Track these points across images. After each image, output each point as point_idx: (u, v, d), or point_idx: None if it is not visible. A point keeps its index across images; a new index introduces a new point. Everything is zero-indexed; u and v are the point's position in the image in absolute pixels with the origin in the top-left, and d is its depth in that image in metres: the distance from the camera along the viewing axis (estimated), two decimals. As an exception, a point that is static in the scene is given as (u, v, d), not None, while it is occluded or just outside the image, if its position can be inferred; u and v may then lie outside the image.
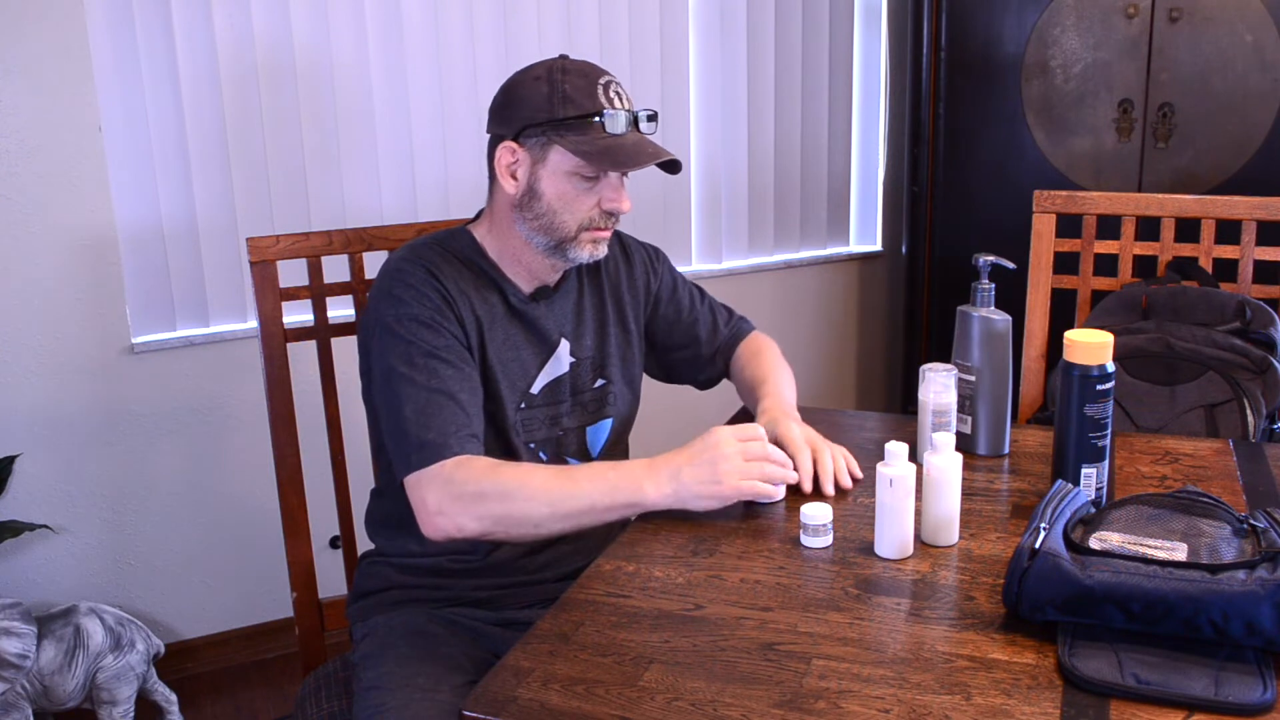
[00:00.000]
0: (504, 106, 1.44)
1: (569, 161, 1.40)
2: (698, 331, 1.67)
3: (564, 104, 1.39)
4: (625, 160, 1.38)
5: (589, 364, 1.56)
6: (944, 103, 2.92)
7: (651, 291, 1.64)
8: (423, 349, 1.38)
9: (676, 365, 1.69)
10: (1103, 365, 1.30)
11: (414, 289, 1.41)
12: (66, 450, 2.38)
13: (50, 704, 2.14)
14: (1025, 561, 1.08)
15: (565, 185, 1.41)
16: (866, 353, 3.45)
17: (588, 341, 1.56)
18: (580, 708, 1.00)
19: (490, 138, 1.47)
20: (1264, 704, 0.95)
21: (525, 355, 1.49)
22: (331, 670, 1.59)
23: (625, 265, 1.62)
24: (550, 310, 1.52)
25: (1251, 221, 1.96)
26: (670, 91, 2.93)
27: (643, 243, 1.67)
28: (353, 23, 2.49)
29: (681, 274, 1.71)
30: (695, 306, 1.68)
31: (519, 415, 1.49)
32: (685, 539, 1.33)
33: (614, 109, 1.40)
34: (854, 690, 1.01)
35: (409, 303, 1.40)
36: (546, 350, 1.51)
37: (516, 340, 1.49)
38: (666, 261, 1.68)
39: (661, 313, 1.65)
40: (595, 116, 1.39)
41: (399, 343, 1.39)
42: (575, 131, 1.39)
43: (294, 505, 1.70)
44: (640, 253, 1.65)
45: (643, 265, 1.63)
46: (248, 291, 2.47)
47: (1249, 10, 2.64)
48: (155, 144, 2.36)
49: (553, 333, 1.52)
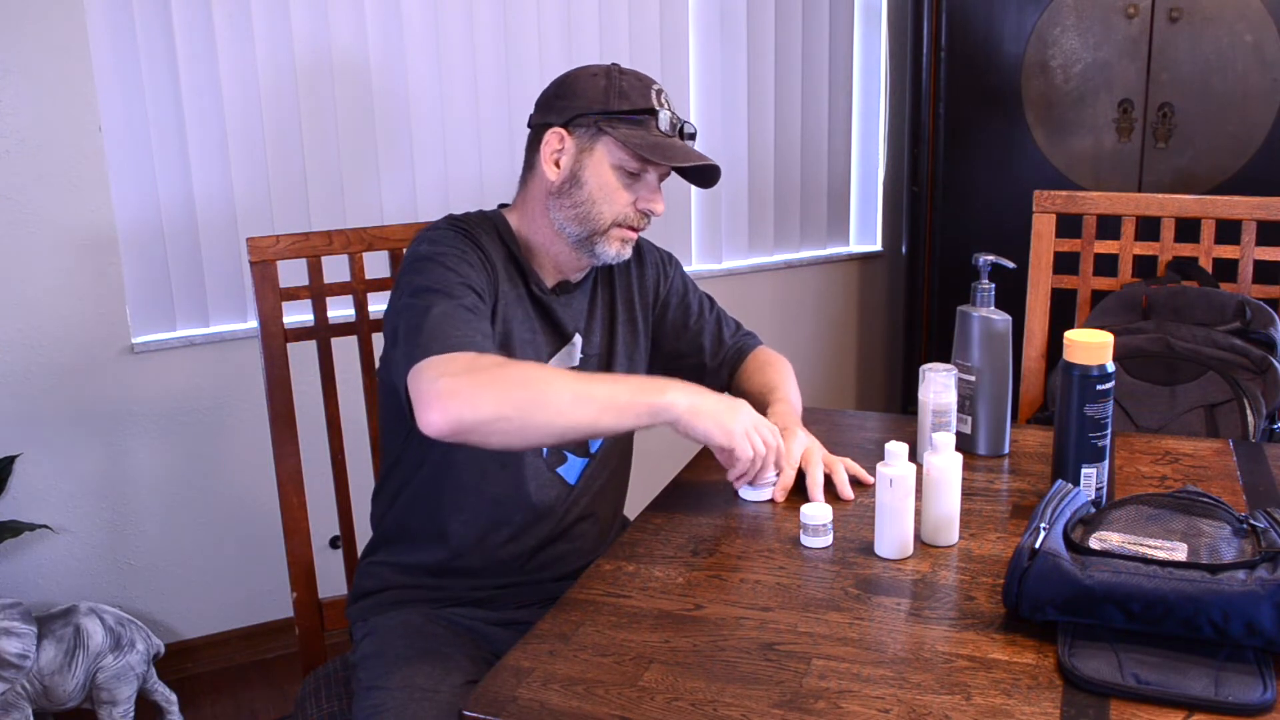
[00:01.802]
0: (557, 96, 1.48)
1: (616, 154, 1.44)
2: (703, 340, 1.67)
3: (620, 98, 1.44)
4: (674, 155, 1.43)
5: (595, 361, 1.56)
6: (944, 103, 2.92)
7: (661, 294, 1.65)
8: (459, 277, 1.37)
9: (681, 372, 1.67)
10: (1103, 365, 1.30)
11: (454, 242, 1.42)
12: (66, 450, 2.38)
13: (50, 704, 2.14)
14: (1025, 561, 1.08)
15: (609, 176, 1.44)
16: (866, 353, 3.45)
17: (596, 339, 1.57)
18: (580, 708, 1.00)
19: (535, 127, 1.50)
20: (1264, 704, 0.95)
21: (540, 341, 1.50)
22: (331, 670, 1.59)
23: (637, 267, 1.63)
24: (569, 305, 1.53)
25: (1251, 221, 1.96)
26: (670, 91, 2.93)
27: (657, 247, 1.68)
28: (352, 23, 2.49)
29: (694, 282, 1.71)
30: (704, 315, 1.68)
31: None
32: (685, 539, 1.34)
33: (665, 111, 1.46)
34: (854, 690, 1.01)
35: (445, 247, 1.40)
36: (560, 342, 1.52)
37: (533, 326, 1.50)
38: (679, 267, 1.69)
39: (669, 317, 1.65)
40: (649, 114, 1.44)
41: (436, 267, 1.37)
42: (628, 125, 1.43)
43: (294, 505, 1.70)
44: (653, 255, 1.66)
45: (654, 268, 1.65)
46: (248, 291, 2.47)
47: (1249, 10, 2.64)
48: (155, 144, 2.36)
49: (569, 326, 1.53)
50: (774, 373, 1.64)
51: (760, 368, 1.66)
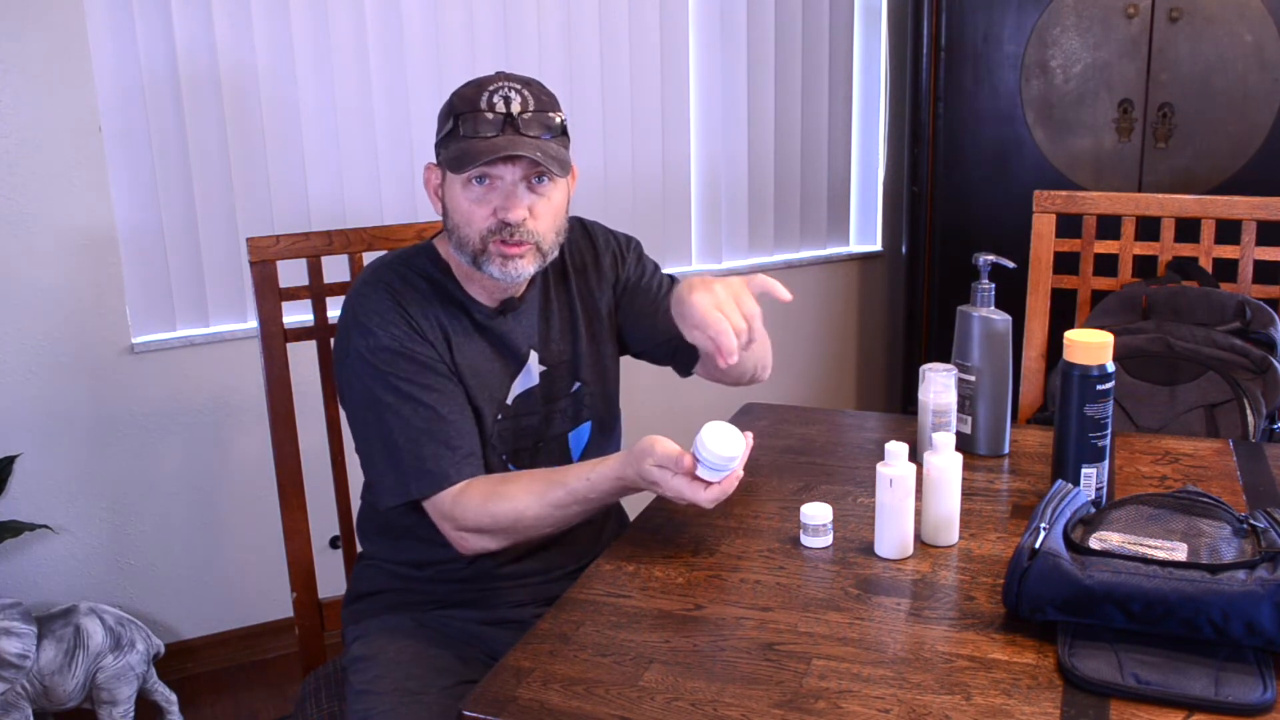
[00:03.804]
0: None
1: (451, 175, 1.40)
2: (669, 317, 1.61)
3: (445, 118, 1.40)
4: (476, 157, 1.34)
5: (564, 369, 1.54)
6: (944, 103, 2.92)
7: (620, 280, 1.59)
8: (403, 376, 1.39)
9: (653, 352, 1.63)
10: (1103, 365, 1.30)
11: (378, 315, 1.41)
12: (66, 450, 2.38)
13: (50, 704, 2.14)
14: (1025, 561, 1.08)
15: (460, 198, 1.39)
16: (866, 353, 3.45)
17: (559, 347, 1.53)
18: (580, 708, 1.00)
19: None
20: (1264, 704, 0.95)
21: (496, 367, 1.48)
22: (331, 670, 1.59)
23: (592, 260, 1.58)
24: (518, 323, 1.50)
25: (1251, 221, 1.96)
26: (670, 91, 2.93)
27: (615, 233, 1.62)
28: (352, 24, 2.49)
29: (655, 263, 1.65)
30: (665, 292, 1.60)
31: (496, 427, 1.48)
32: (685, 539, 1.34)
33: (485, 111, 1.36)
34: (854, 690, 1.01)
35: (376, 332, 1.40)
36: (516, 364, 1.50)
37: (486, 354, 1.47)
38: (637, 249, 1.63)
39: (631, 300, 1.59)
40: (473, 114, 1.36)
41: (378, 374, 1.40)
42: (447, 140, 1.39)
43: (294, 505, 1.70)
44: (609, 243, 1.60)
45: (611, 256, 1.59)
46: (248, 291, 2.47)
47: (1249, 10, 2.64)
48: (155, 144, 2.36)
49: (521, 346, 1.50)
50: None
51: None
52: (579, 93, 2.79)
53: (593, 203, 2.80)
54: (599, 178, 2.86)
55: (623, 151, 2.89)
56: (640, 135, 2.90)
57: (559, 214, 1.43)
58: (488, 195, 1.38)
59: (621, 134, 2.88)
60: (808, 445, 1.63)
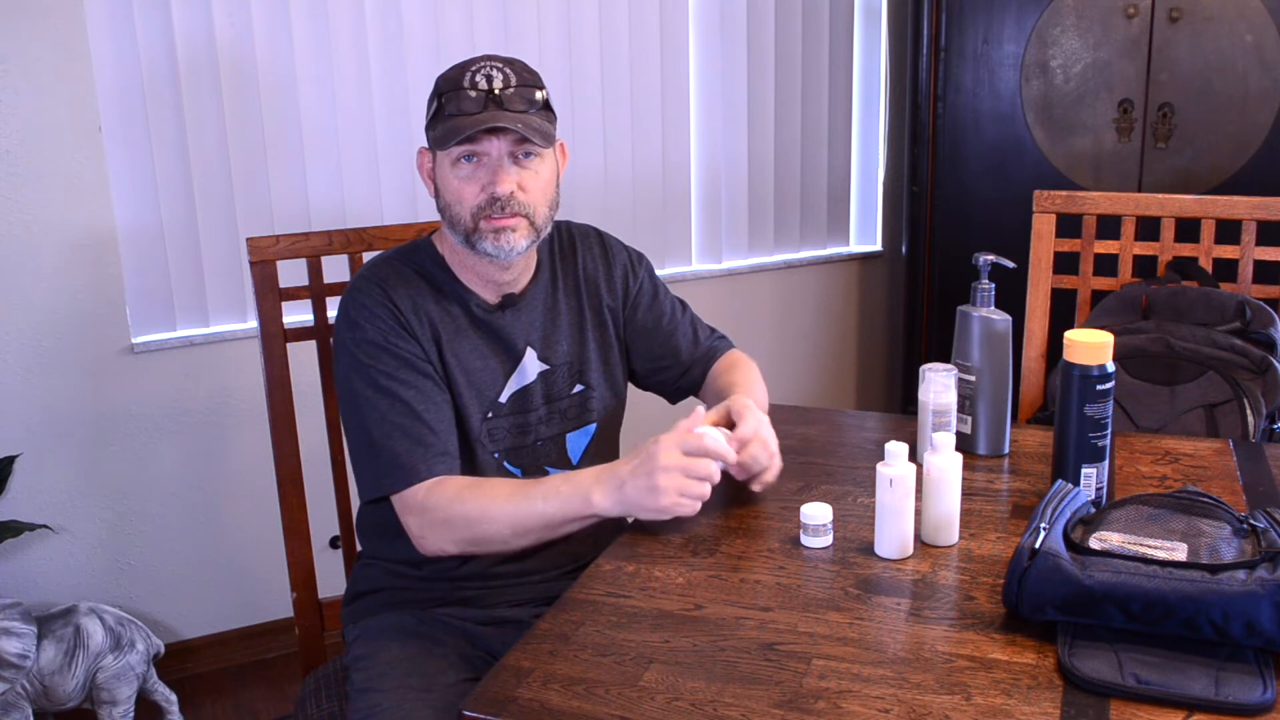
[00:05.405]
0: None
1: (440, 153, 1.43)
2: (677, 341, 1.63)
3: (431, 100, 1.43)
4: (451, 136, 1.37)
5: (566, 370, 1.54)
6: (944, 103, 2.92)
7: (631, 293, 1.61)
8: (383, 371, 1.41)
9: (651, 375, 1.65)
10: (1103, 365, 1.30)
11: (367, 310, 1.43)
12: (66, 450, 2.38)
13: (50, 704, 2.14)
14: (1025, 561, 1.08)
15: (450, 177, 1.42)
16: (866, 353, 3.45)
17: (563, 348, 1.54)
18: (580, 708, 1.00)
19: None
20: (1264, 704, 0.95)
21: (492, 365, 1.48)
22: (331, 670, 1.59)
23: (604, 266, 1.59)
24: (516, 319, 1.50)
25: (1251, 221, 1.96)
26: (670, 92, 2.93)
27: (626, 246, 1.64)
28: (353, 25, 2.49)
29: (664, 284, 1.68)
30: (676, 317, 1.64)
31: (485, 425, 1.48)
32: (685, 539, 1.34)
33: (468, 89, 1.38)
34: (854, 690, 1.01)
35: (363, 326, 1.42)
36: (512, 360, 1.50)
37: (482, 350, 1.48)
38: (648, 267, 1.65)
39: (640, 318, 1.61)
40: (456, 92, 1.39)
41: (360, 367, 1.42)
42: (434, 121, 1.42)
43: (294, 505, 1.70)
44: (621, 255, 1.62)
45: (623, 268, 1.61)
46: (248, 291, 2.47)
47: (1249, 10, 2.64)
48: (155, 144, 2.36)
49: (518, 342, 1.50)
50: (739, 373, 1.61)
51: (729, 368, 1.63)
52: (579, 93, 2.80)
53: (593, 203, 2.80)
54: (599, 178, 2.85)
55: (623, 151, 2.89)
56: (640, 135, 2.91)
57: (548, 188, 1.45)
58: (476, 172, 1.40)
59: (621, 134, 2.88)
60: (808, 445, 1.63)
